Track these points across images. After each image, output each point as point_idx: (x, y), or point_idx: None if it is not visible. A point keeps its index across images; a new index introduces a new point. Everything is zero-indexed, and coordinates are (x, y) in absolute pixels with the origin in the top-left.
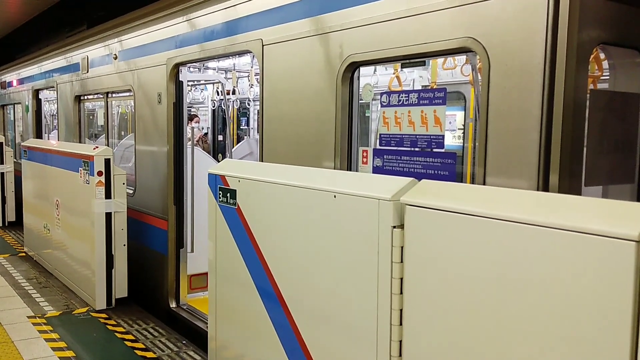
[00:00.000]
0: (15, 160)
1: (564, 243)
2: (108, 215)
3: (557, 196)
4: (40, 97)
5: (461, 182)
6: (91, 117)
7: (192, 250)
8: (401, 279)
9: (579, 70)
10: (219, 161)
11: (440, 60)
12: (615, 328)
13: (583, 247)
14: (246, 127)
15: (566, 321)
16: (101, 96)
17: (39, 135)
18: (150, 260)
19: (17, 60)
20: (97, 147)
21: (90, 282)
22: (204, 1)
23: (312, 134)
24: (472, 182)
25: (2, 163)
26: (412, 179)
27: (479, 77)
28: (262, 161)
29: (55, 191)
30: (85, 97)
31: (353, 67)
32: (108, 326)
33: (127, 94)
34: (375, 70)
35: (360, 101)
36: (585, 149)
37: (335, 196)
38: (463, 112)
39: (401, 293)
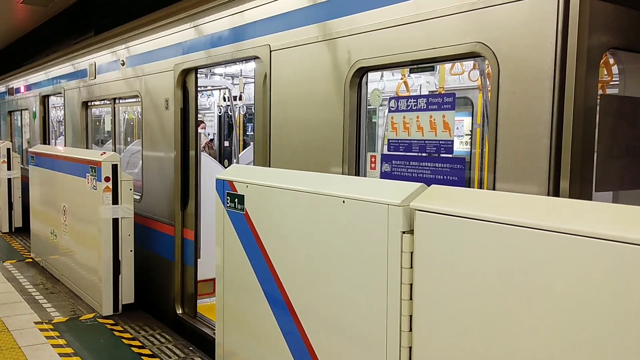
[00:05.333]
0: (22, 166)
1: (576, 248)
2: (115, 221)
3: (568, 201)
4: (47, 104)
5: (468, 187)
6: (97, 123)
7: (199, 256)
8: (411, 284)
9: (589, 75)
10: (225, 167)
11: (447, 65)
12: (629, 333)
13: (595, 252)
14: (252, 133)
15: (578, 326)
16: (108, 102)
17: (46, 141)
18: (157, 266)
19: (24, 67)
20: (104, 152)
21: (97, 288)
22: (212, 7)
23: (320, 140)
24: (480, 187)
25: (9, 169)
26: (421, 184)
27: (488, 83)
28: (269, 167)
29: (62, 197)
30: (93, 104)
31: (361, 73)
32: (115, 332)
33: (135, 100)
34: (382, 75)
35: (368, 106)
36: (595, 154)
37: (344, 201)
38: (470, 118)
39: (411, 299)
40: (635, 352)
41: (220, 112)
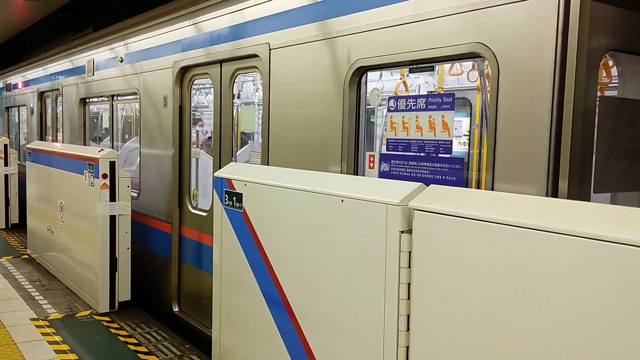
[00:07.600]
0: (19, 162)
1: (574, 249)
2: (112, 218)
3: (566, 202)
4: (46, 100)
5: (466, 188)
6: (95, 120)
7: None
8: (409, 284)
9: (589, 77)
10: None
11: (447, 66)
12: (627, 334)
13: (593, 253)
14: (251, 132)
15: (576, 327)
16: (106, 99)
17: (43, 137)
18: (154, 264)
19: (22, 63)
20: (102, 149)
21: (93, 285)
22: (211, 5)
23: (319, 139)
24: (478, 188)
25: (6, 165)
26: (420, 183)
27: (487, 83)
28: (267, 165)
29: (60, 193)
30: (91, 100)
31: (361, 72)
32: (111, 329)
33: (133, 97)
34: (381, 75)
35: (367, 106)
36: (594, 155)
37: (342, 201)
38: (469, 119)
39: (408, 298)
40: (634, 352)
41: None
